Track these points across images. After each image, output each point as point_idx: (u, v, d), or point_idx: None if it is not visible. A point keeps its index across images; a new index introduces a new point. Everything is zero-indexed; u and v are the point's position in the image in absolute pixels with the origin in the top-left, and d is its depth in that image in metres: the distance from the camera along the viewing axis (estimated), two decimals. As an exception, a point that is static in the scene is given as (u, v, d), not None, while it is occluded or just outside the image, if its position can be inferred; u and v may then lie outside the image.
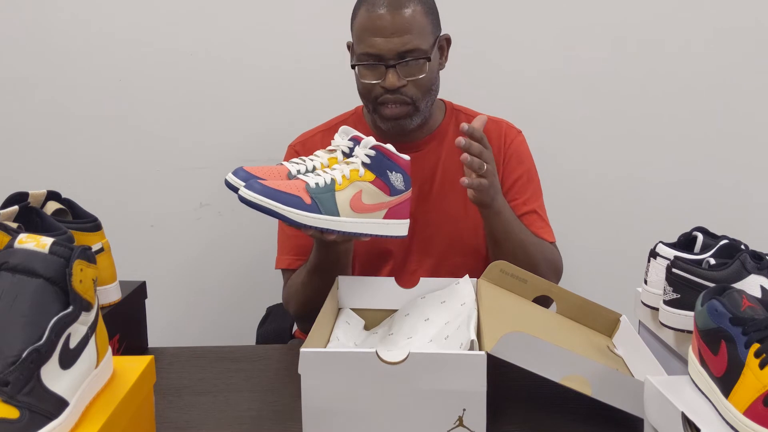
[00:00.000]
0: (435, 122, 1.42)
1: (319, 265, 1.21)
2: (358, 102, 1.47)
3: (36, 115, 1.83)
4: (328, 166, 1.13)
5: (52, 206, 1.08)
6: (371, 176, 1.08)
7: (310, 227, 1.02)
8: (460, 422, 0.88)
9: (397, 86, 1.28)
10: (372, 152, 1.09)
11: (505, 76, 1.84)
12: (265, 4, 1.80)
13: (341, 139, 1.16)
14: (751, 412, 0.69)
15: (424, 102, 1.33)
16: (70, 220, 1.10)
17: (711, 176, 1.91)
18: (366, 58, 1.29)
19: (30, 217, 1.00)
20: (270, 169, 1.08)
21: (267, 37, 1.82)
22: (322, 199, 1.03)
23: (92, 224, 1.10)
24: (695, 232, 1.07)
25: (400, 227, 1.12)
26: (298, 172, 1.10)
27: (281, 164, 1.12)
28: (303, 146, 1.43)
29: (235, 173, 1.04)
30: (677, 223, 1.18)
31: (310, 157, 1.15)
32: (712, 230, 1.07)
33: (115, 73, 1.81)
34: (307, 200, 1.02)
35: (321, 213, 1.02)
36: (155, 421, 0.89)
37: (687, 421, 0.74)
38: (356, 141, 1.13)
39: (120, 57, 1.80)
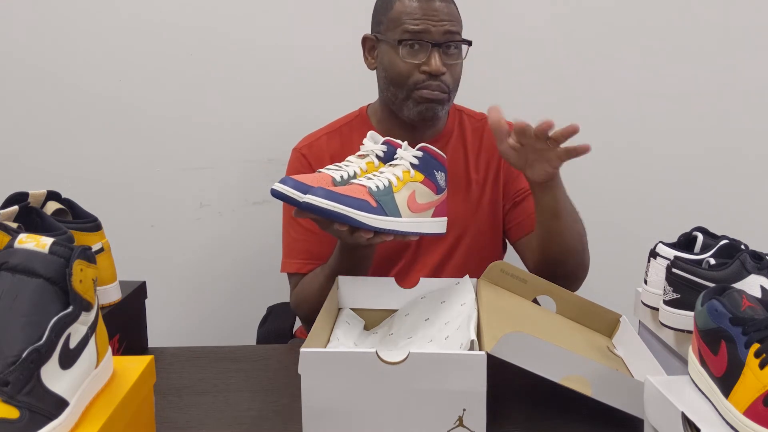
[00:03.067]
0: (441, 123, 1.43)
1: (341, 270, 1.21)
2: (357, 103, 1.47)
3: (36, 115, 1.83)
4: (366, 171, 1.14)
5: (52, 206, 1.08)
6: (421, 176, 1.11)
7: (378, 229, 1.04)
8: (460, 422, 0.88)
9: (441, 71, 1.29)
10: (420, 153, 1.12)
11: (505, 75, 1.84)
12: (266, 5, 1.80)
13: (372, 143, 1.18)
14: (751, 412, 0.69)
15: (453, 94, 1.36)
16: (70, 220, 1.10)
17: (711, 176, 1.91)
18: (410, 38, 1.30)
19: (30, 217, 1.00)
20: (314, 176, 1.10)
21: (267, 38, 1.82)
22: (386, 201, 1.06)
23: (92, 224, 1.10)
24: (695, 232, 1.07)
25: (442, 225, 1.16)
26: (342, 178, 1.11)
27: (320, 172, 1.13)
28: (309, 149, 1.42)
29: (283, 182, 1.05)
30: (677, 223, 1.18)
31: (344, 163, 1.16)
32: (712, 230, 1.07)
33: (115, 73, 1.81)
34: (373, 203, 1.04)
35: (387, 215, 1.05)
36: (155, 421, 0.89)
37: (687, 421, 0.74)
38: (389, 145, 1.16)
39: (120, 57, 1.80)
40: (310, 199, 1.01)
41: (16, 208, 1.00)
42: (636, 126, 1.89)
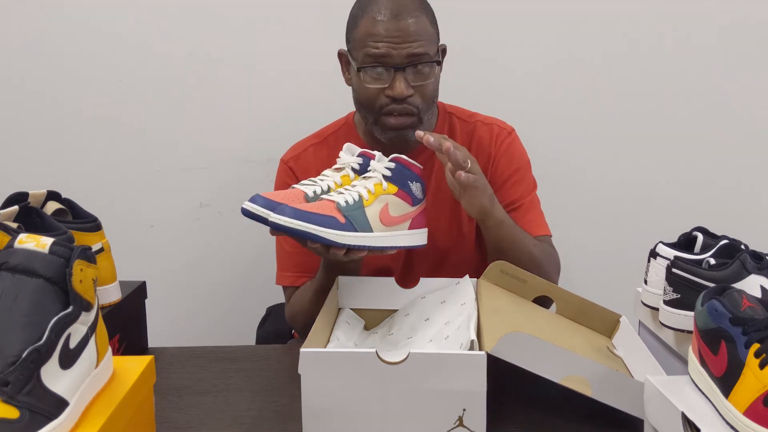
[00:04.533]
0: (429, 128, 1.38)
1: (328, 285, 1.19)
2: (351, 109, 1.46)
3: (36, 115, 1.83)
4: (341, 185, 1.13)
5: (52, 206, 1.08)
6: (394, 188, 1.09)
7: (347, 246, 1.02)
8: (460, 422, 0.88)
9: (405, 95, 1.25)
10: (392, 164, 1.10)
11: (503, 74, 1.84)
12: (266, 6, 1.80)
13: (348, 156, 1.16)
14: (751, 412, 0.69)
15: (427, 114, 1.31)
16: (70, 220, 1.10)
17: (711, 176, 1.91)
18: (372, 63, 1.25)
19: (30, 217, 1.00)
20: (286, 193, 1.08)
21: (267, 38, 1.81)
22: (355, 216, 1.03)
23: (92, 224, 1.10)
24: (695, 232, 1.07)
25: (421, 236, 1.14)
26: (314, 193, 1.09)
27: (294, 188, 1.11)
28: (296, 162, 1.40)
29: (253, 201, 1.04)
30: (677, 223, 1.18)
31: (320, 177, 1.15)
32: (712, 230, 1.07)
33: (115, 73, 1.81)
34: (341, 219, 1.02)
35: (356, 230, 1.03)
36: (155, 421, 0.89)
37: (687, 421, 0.75)
38: (365, 157, 1.14)
39: (120, 57, 1.80)
40: (276, 219, 0.99)
41: (16, 208, 1.00)
42: (636, 125, 1.89)
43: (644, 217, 1.91)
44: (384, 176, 1.09)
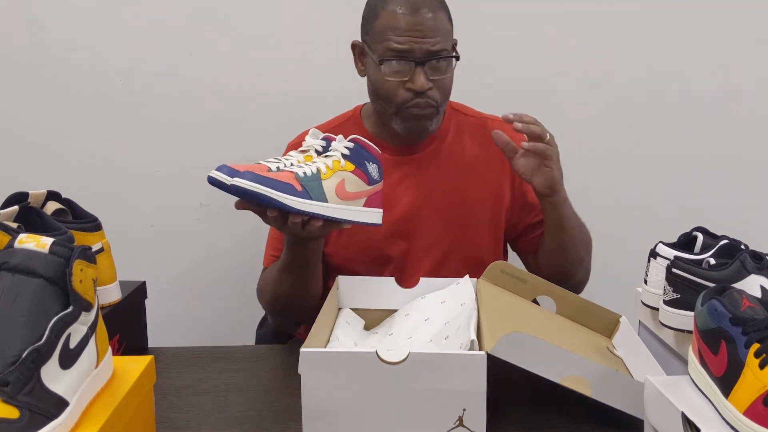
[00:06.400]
0: (440, 122, 1.39)
1: (289, 264, 1.21)
2: (356, 103, 1.47)
3: (36, 115, 1.82)
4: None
5: (52, 206, 1.08)
6: (351, 166, 1.12)
7: (302, 212, 1.05)
8: (460, 422, 0.88)
9: (425, 89, 1.26)
10: (351, 144, 1.13)
11: (505, 74, 1.84)
12: (266, 6, 1.80)
13: (313, 139, 1.20)
14: (751, 412, 0.69)
15: (443, 106, 1.33)
16: (70, 220, 1.10)
17: (711, 176, 1.91)
18: (393, 56, 1.26)
19: (30, 217, 1.00)
20: (250, 165, 1.11)
21: (267, 38, 1.81)
22: (312, 187, 1.07)
23: (92, 224, 1.10)
24: (695, 232, 1.07)
25: (376, 215, 1.16)
26: (278, 168, 1.12)
27: (259, 163, 1.15)
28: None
29: (219, 169, 1.07)
30: (677, 223, 1.18)
31: (285, 156, 1.18)
32: (712, 230, 1.07)
33: (115, 73, 1.81)
34: (298, 187, 1.05)
35: (312, 199, 1.06)
36: (155, 421, 0.89)
37: (687, 421, 0.75)
38: (328, 140, 1.17)
39: (120, 57, 1.80)
40: (237, 182, 1.03)
41: (16, 208, 1.00)
42: (636, 125, 1.89)
43: (644, 217, 1.91)
44: (343, 154, 1.12)
